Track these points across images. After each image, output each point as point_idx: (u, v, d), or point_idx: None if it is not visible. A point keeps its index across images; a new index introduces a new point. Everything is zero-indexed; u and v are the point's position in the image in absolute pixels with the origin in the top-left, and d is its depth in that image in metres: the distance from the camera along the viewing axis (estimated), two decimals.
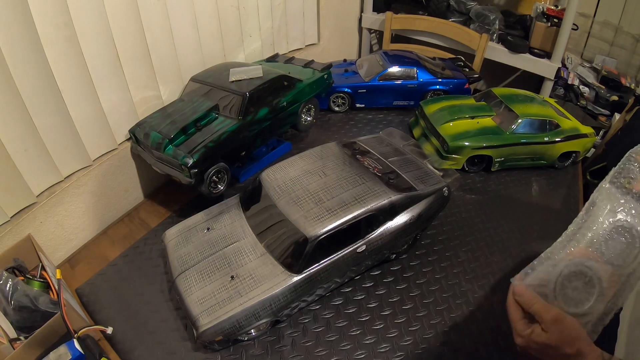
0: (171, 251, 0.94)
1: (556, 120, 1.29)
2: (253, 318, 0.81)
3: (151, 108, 1.22)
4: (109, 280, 1.00)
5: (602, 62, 2.07)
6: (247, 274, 0.85)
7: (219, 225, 0.96)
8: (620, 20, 2.04)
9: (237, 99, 1.13)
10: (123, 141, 1.19)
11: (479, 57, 1.81)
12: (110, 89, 1.09)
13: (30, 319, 0.81)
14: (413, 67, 1.56)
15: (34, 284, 0.88)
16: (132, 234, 1.14)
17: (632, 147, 1.22)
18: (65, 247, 1.10)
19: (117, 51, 1.07)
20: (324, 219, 0.84)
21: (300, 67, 1.41)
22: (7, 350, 0.74)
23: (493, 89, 1.43)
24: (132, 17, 1.08)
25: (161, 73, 1.22)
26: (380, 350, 0.85)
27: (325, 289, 0.91)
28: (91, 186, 1.11)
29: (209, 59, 1.36)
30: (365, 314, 0.92)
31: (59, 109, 0.98)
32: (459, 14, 1.94)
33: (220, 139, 1.08)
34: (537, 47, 1.77)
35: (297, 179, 0.94)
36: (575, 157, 1.35)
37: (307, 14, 1.77)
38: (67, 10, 0.93)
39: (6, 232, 0.94)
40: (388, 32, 2.01)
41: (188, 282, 0.86)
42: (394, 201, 0.91)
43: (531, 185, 1.29)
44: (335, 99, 1.59)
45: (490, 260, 1.04)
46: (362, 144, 1.10)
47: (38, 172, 0.99)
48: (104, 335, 0.87)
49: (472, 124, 1.30)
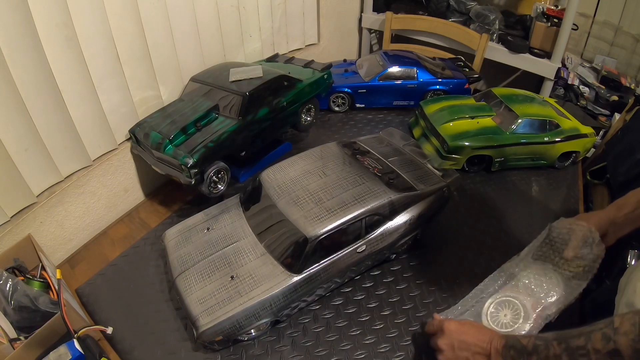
0: (171, 251, 0.94)
1: (556, 120, 1.29)
2: (253, 318, 0.81)
3: (151, 108, 1.22)
4: (109, 280, 1.00)
5: (602, 62, 2.07)
6: (247, 274, 0.85)
7: (219, 225, 0.96)
8: (620, 20, 2.04)
9: (237, 99, 1.13)
10: (123, 141, 1.19)
11: (479, 57, 1.81)
12: (110, 89, 1.09)
13: (30, 319, 0.81)
14: (413, 67, 1.56)
15: (34, 284, 0.88)
16: (132, 234, 1.14)
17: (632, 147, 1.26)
18: (65, 247, 1.10)
19: (117, 51, 1.07)
20: (324, 219, 0.84)
21: (300, 67, 1.41)
22: (7, 350, 0.74)
23: (493, 89, 1.43)
24: (132, 17, 1.08)
25: (161, 73, 1.22)
26: (380, 350, 0.85)
27: (325, 289, 0.91)
28: (91, 186, 1.11)
29: (209, 59, 1.36)
30: (365, 314, 0.92)
31: (59, 109, 0.98)
32: (459, 14, 1.94)
33: (220, 139, 1.08)
34: (537, 47, 1.77)
35: (297, 179, 0.94)
36: (575, 157, 1.35)
37: (307, 14, 1.77)
38: (67, 10, 0.92)
39: (6, 232, 0.94)
40: (388, 32, 2.01)
41: (188, 282, 0.86)
42: (394, 201, 0.91)
43: (531, 185, 1.29)
44: (335, 99, 1.59)
45: (491, 260, 1.04)
46: (362, 144, 1.10)
47: (38, 172, 0.99)
48: (104, 335, 0.87)
49: (472, 124, 1.30)
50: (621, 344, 0.50)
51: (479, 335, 0.67)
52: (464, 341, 0.67)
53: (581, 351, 0.53)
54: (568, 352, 0.54)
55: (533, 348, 0.58)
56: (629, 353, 0.49)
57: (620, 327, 0.51)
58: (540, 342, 0.58)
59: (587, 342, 0.53)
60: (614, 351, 0.51)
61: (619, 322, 0.52)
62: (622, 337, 0.50)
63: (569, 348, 0.54)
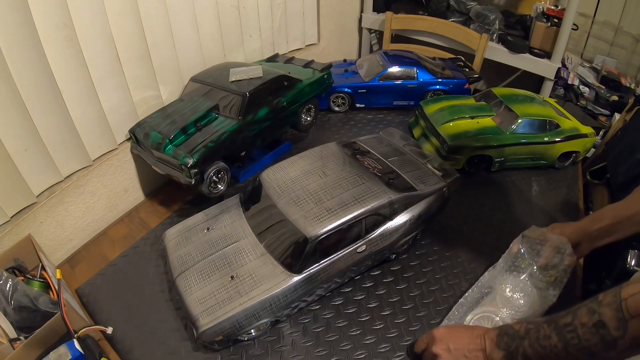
0: (171, 251, 0.94)
1: (556, 120, 1.29)
2: (253, 318, 0.81)
3: (151, 108, 1.22)
4: (109, 280, 1.00)
5: (602, 62, 2.07)
6: (247, 274, 0.85)
7: (219, 225, 0.96)
8: (620, 20, 2.04)
9: (237, 99, 1.13)
10: (123, 141, 1.19)
11: (479, 57, 1.81)
12: (110, 89, 1.09)
13: (30, 319, 0.81)
14: (413, 67, 1.56)
15: (34, 284, 0.88)
16: (132, 234, 1.14)
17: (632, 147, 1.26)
18: (65, 247, 1.10)
19: (117, 51, 1.07)
20: (324, 219, 0.84)
21: (300, 67, 1.41)
22: (7, 350, 0.74)
23: (493, 89, 1.43)
24: (132, 17, 1.08)
25: (161, 73, 1.22)
26: (380, 350, 0.85)
27: (325, 289, 0.91)
28: (91, 186, 1.11)
29: (209, 59, 1.36)
30: (365, 314, 0.92)
31: (59, 109, 0.98)
32: (459, 14, 1.94)
33: (220, 139, 1.08)
34: (537, 47, 1.77)
35: (297, 179, 0.94)
36: (575, 157, 1.35)
37: (307, 14, 1.77)
38: (67, 10, 0.92)
39: (6, 232, 0.94)
40: (388, 32, 2.01)
41: (188, 282, 0.86)
42: (394, 201, 0.91)
43: (531, 185, 1.29)
44: (335, 99, 1.59)
45: (491, 260, 1.04)
46: (362, 144, 1.10)
47: (38, 172, 0.99)
48: (104, 335, 0.87)
49: (472, 124, 1.30)
50: (605, 314, 0.52)
51: (470, 333, 0.67)
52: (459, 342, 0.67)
53: (569, 327, 0.55)
54: (557, 331, 0.56)
55: (525, 332, 0.60)
56: (613, 324, 0.51)
57: (603, 299, 0.53)
58: (532, 326, 0.60)
59: (574, 318, 0.55)
60: (599, 322, 0.52)
61: (603, 296, 0.54)
62: (606, 308, 0.52)
63: (558, 327, 0.56)
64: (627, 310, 0.50)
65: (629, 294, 0.51)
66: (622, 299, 0.51)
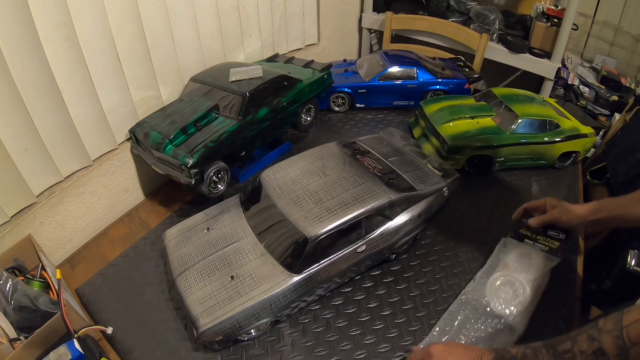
0: (171, 251, 0.94)
1: (556, 120, 1.29)
2: (253, 318, 0.81)
3: (151, 108, 1.22)
4: (109, 280, 1.00)
5: (602, 62, 2.07)
6: (247, 274, 0.85)
7: (218, 225, 0.96)
8: (620, 20, 2.04)
9: (237, 99, 1.13)
10: (123, 141, 1.19)
11: (479, 57, 1.81)
12: (110, 89, 1.09)
13: (30, 319, 0.81)
14: (413, 67, 1.56)
15: (34, 284, 0.88)
16: (132, 234, 1.14)
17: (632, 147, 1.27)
18: (65, 247, 1.10)
19: (117, 51, 1.07)
20: (324, 219, 0.84)
21: (300, 67, 1.41)
22: (7, 350, 0.74)
23: (493, 89, 1.43)
24: (132, 17, 1.08)
25: (161, 73, 1.22)
26: (380, 350, 0.85)
27: (325, 289, 0.91)
28: (91, 186, 1.11)
29: (209, 59, 1.36)
30: (365, 314, 0.92)
31: (59, 109, 0.98)
32: (459, 14, 1.94)
33: (220, 139, 1.08)
34: (537, 47, 1.77)
35: (297, 179, 0.93)
36: (575, 157, 1.35)
37: (307, 14, 1.77)
38: (67, 10, 0.92)
39: (6, 232, 0.94)
40: (388, 32, 2.01)
41: (188, 282, 0.86)
42: (394, 201, 0.91)
43: (531, 185, 1.29)
44: (335, 99, 1.59)
45: None
46: (362, 144, 1.10)
47: (38, 172, 0.99)
48: (104, 335, 0.87)
49: (472, 124, 1.30)
50: (605, 342, 0.51)
51: (468, 352, 0.66)
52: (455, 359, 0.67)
53: (568, 354, 0.54)
54: (555, 357, 0.55)
55: (522, 356, 0.59)
56: (613, 351, 0.50)
57: (604, 326, 0.52)
58: (529, 351, 0.59)
59: (574, 345, 0.54)
60: (598, 350, 0.51)
61: (603, 322, 0.53)
62: (606, 335, 0.51)
63: (556, 353, 0.55)
64: (628, 337, 0.49)
65: (631, 321, 0.50)
66: (624, 326, 0.50)
